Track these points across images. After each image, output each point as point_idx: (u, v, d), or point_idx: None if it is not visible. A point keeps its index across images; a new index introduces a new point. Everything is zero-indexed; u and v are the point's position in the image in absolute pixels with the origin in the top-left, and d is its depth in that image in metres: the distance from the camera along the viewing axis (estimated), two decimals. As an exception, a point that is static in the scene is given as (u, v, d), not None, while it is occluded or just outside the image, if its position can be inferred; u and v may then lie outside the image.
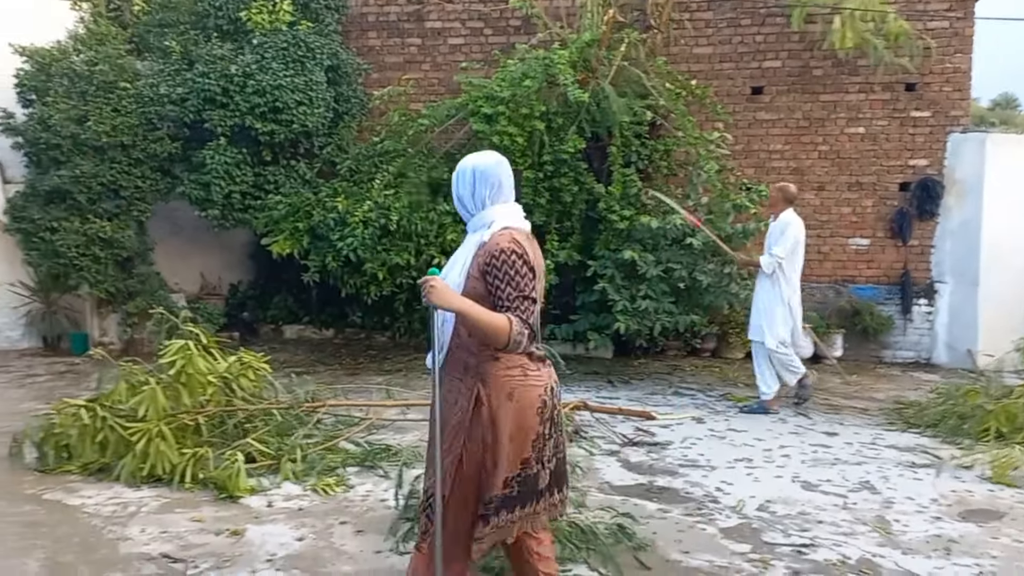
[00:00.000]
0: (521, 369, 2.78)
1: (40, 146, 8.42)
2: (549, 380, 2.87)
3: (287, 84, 8.29)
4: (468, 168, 2.91)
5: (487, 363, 2.76)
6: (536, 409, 2.78)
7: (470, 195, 2.88)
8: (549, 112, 7.64)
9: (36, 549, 4.04)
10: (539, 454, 2.82)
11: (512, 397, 2.75)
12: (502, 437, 2.76)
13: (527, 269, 2.70)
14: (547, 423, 2.83)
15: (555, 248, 7.96)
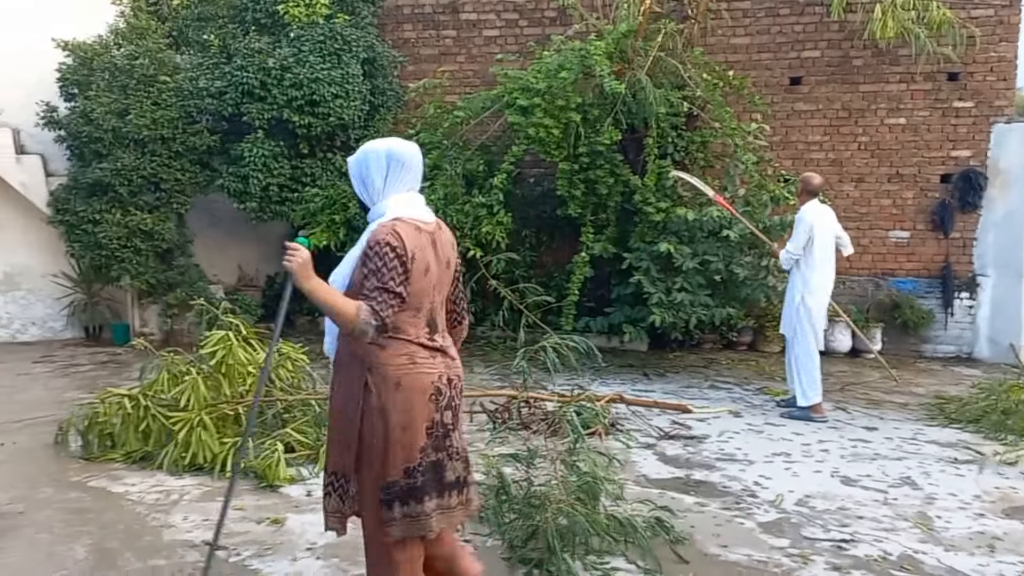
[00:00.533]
0: (409, 357, 2.76)
1: (82, 139, 8.57)
2: (446, 371, 2.83)
3: (324, 77, 8.34)
4: (382, 152, 2.83)
5: (374, 351, 2.74)
6: (428, 396, 2.76)
7: (383, 179, 2.82)
8: (585, 104, 7.60)
9: (83, 535, 4.12)
10: (439, 443, 2.80)
11: (400, 386, 2.73)
12: (394, 425, 2.73)
13: (397, 263, 2.66)
14: (444, 411, 2.81)
15: (590, 240, 7.94)
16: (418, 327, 2.77)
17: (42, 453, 5.49)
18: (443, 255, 2.84)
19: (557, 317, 7.90)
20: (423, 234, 2.77)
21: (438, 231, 2.86)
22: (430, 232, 2.81)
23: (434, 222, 2.87)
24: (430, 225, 2.83)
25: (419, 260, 2.72)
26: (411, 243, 2.70)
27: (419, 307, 2.76)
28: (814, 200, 6.50)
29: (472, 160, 8.39)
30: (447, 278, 2.89)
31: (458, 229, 7.97)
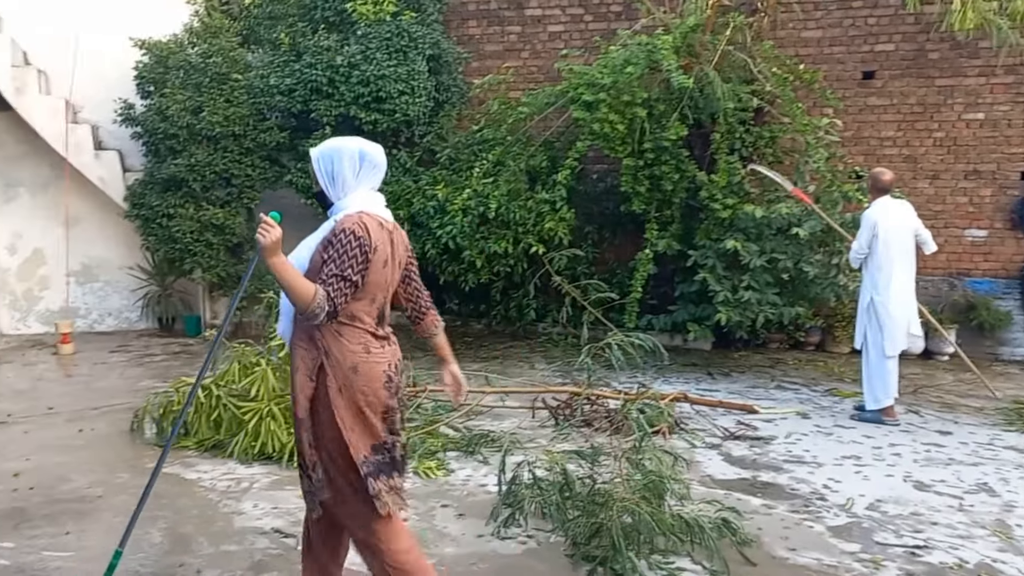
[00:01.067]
0: (363, 346, 2.88)
1: (158, 136, 8.81)
2: (392, 358, 2.96)
3: (390, 74, 8.43)
4: (355, 150, 2.94)
5: (331, 337, 2.85)
6: (383, 383, 2.88)
7: (354, 176, 2.92)
8: (651, 99, 7.52)
9: (158, 520, 4.25)
10: (393, 427, 2.93)
11: (357, 371, 2.84)
12: (353, 406, 2.84)
13: (358, 252, 2.78)
14: (395, 398, 2.93)
15: (654, 237, 7.86)
16: (371, 316, 2.91)
17: (119, 439, 5.67)
18: (397, 253, 2.98)
19: (619, 314, 7.85)
20: (384, 230, 2.91)
21: (395, 230, 3.01)
22: (389, 230, 2.95)
23: (392, 222, 3.01)
24: (389, 223, 2.97)
25: (380, 253, 2.86)
26: (375, 236, 2.84)
27: (373, 298, 2.90)
28: (885, 197, 6.32)
29: (535, 156, 8.38)
30: (397, 275, 3.03)
31: (520, 225, 7.99)
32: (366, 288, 2.85)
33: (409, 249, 3.12)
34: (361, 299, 2.86)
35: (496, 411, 6.32)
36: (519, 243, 8.06)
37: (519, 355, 8.46)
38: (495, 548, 3.95)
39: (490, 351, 8.70)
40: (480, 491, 4.72)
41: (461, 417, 6.02)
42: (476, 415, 6.18)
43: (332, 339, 2.85)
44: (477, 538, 4.07)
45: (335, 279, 2.76)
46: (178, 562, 3.77)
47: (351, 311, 2.85)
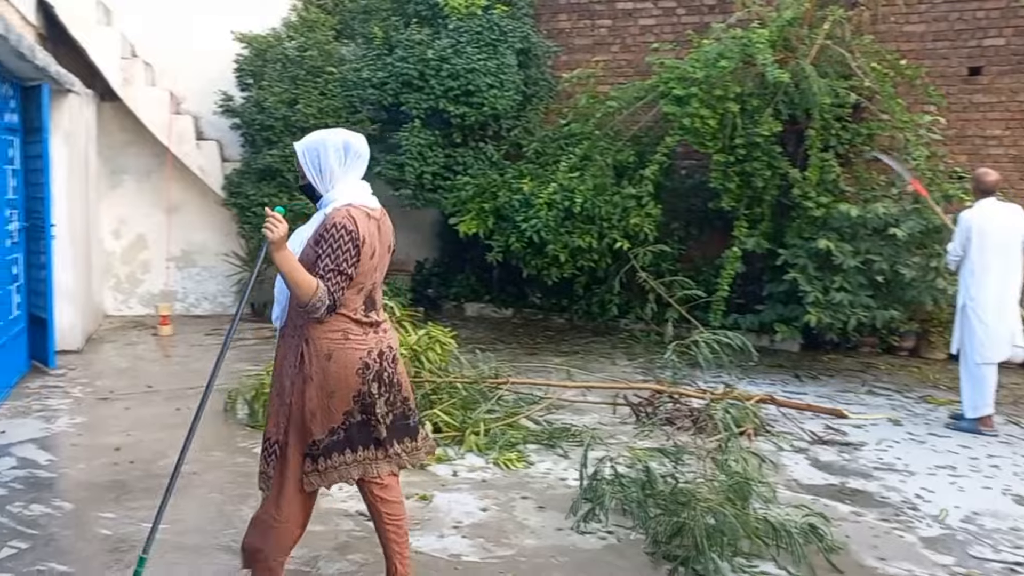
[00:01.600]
0: (343, 333, 2.98)
1: (255, 127, 9.08)
2: (377, 345, 3.06)
3: (480, 67, 8.48)
4: (339, 141, 3.03)
5: (311, 325, 2.97)
6: (356, 370, 2.99)
7: (340, 167, 3.01)
8: (744, 93, 7.37)
9: (249, 498, 4.39)
10: (365, 408, 3.03)
11: (331, 357, 2.96)
12: (321, 391, 2.98)
13: (351, 246, 2.89)
14: (373, 383, 3.02)
15: (743, 235, 7.70)
16: (356, 304, 3.02)
17: (213, 419, 5.87)
18: (386, 240, 3.09)
19: (704, 313, 7.72)
20: (371, 220, 3.01)
21: (382, 218, 3.11)
22: (377, 218, 3.05)
23: (379, 209, 3.10)
24: (376, 212, 3.07)
25: (368, 244, 2.96)
26: (363, 228, 2.94)
27: (361, 287, 3.01)
28: (989, 199, 6.06)
29: (623, 151, 8.31)
30: (387, 262, 3.14)
31: (605, 220, 7.93)
32: (356, 279, 2.96)
33: (392, 235, 3.19)
34: (350, 288, 2.97)
35: (577, 406, 6.31)
36: (604, 238, 8.02)
37: (600, 351, 8.43)
38: (575, 542, 3.95)
39: (571, 346, 8.68)
40: (560, 484, 4.72)
41: (542, 410, 6.04)
42: (557, 409, 6.18)
43: (313, 327, 2.97)
44: (557, 531, 4.08)
45: (332, 274, 2.88)
46: (267, 539, 3.88)
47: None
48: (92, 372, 7.05)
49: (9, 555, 3.65)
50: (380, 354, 3.07)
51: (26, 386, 6.50)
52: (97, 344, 8.25)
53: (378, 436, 3.09)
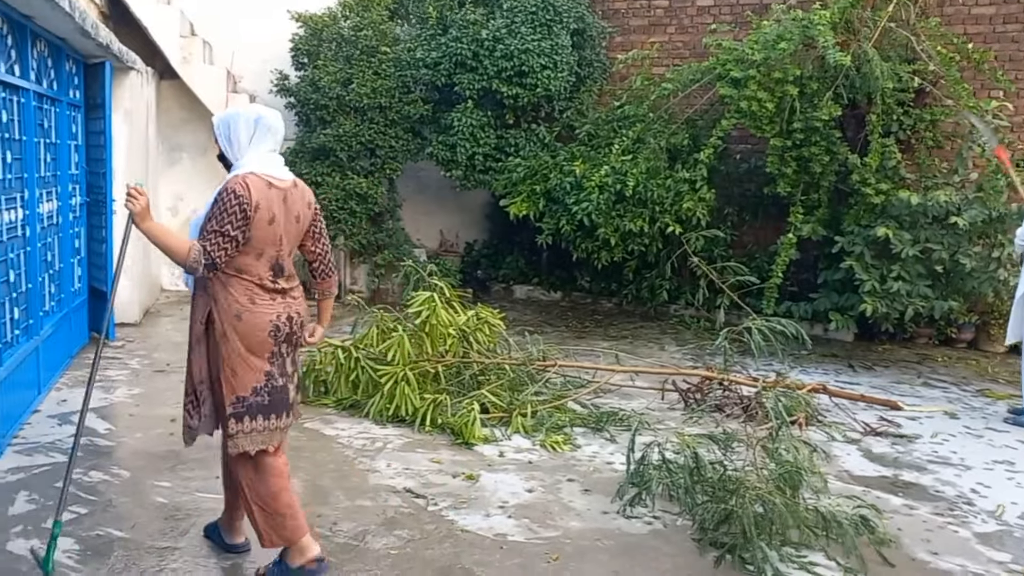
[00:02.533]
0: (249, 297, 3.12)
1: (309, 106, 9.16)
2: (285, 310, 3.19)
3: (534, 48, 8.43)
4: (251, 116, 3.18)
5: (219, 288, 3.13)
6: (268, 332, 3.14)
7: (248, 140, 3.15)
8: (803, 76, 7.20)
9: (299, 471, 4.46)
10: (282, 370, 3.21)
11: (240, 319, 3.11)
12: (236, 351, 3.12)
13: (237, 209, 3.01)
14: (283, 344, 3.19)
15: (799, 221, 7.55)
16: (261, 270, 3.14)
17: (264, 393, 5.97)
18: (293, 210, 3.18)
19: (756, 300, 7.61)
20: (273, 189, 3.12)
21: (292, 188, 3.21)
22: (282, 188, 3.16)
23: (290, 180, 3.22)
24: (285, 182, 3.18)
25: (263, 210, 3.07)
26: (257, 194, 3.05)
27: (261, 252, 3.13)
28: None
29: (677, 134, 8.20)
30: (295, 231, 3.22)
31: (658, 204, 7.84)
32: (251, 243, 3.09)
33: (315, 208, 3.32)
34: (247, 253, 3.10)
35: (624, 390, 6.28)
36: (655, 222, 7.93)
37: (649, 336, 8.37)
38: (620, 526, 3.94)
39: (620, 330, 8.64)
40: (606, 468, 4.71)
41: (589, 394, 6.02)
42: (604, 393, 6.16)
43: (220, 289, 3.13)
44: (602, 514, 4.07)
45: (213, 234, 3.04)
46: (316, 513, 3.95)
47: (238, 264, 3.11)
48: (149, 344, 7.22)
49: (70, 519, 3.77)
50: (289, 318, 3.22)
51: (86, 357, 6.68)
52: (154, 317, 8.44)
53: (290, 399, 3.27)
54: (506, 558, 3.59)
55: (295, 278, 3.28)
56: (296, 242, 3.28)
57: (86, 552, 3.48)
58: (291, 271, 3.25)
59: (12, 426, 4.77)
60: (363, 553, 3.57)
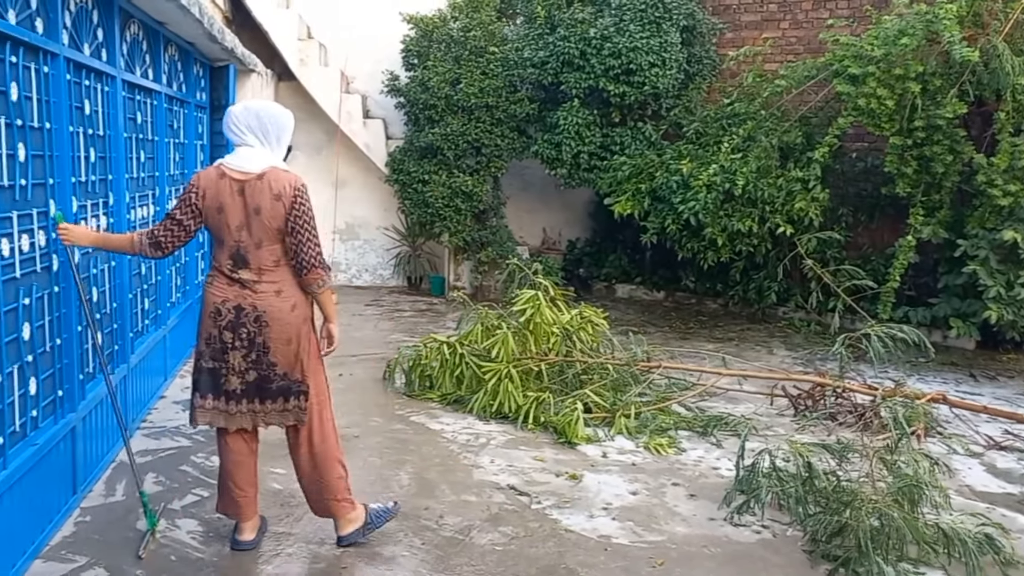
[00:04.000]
0: (210, 279, 3.37)
1: (418, 106, 9.34)
2: (236, 299, 3.29)
3: (642, 46, 8.35)
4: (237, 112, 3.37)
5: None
6: (209, 313, 3.33)
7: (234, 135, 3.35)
8: (926, 73, 6.89)
9: (406, 463, 4.57)
10: (215, 354, 3.33)
11: (203, 300, 3.38)
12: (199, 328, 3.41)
13: (185, 196, 3.31)
14: (224, 331, 3.30)
15: (919, 223, 7.23)
16: (222, 258, 3.31)
17: (372, 386, 6.14)
18: (252, 202, 3.25)
19: (871, 304, 7.34)
20: (226, 180, 3.27)
21: (255, 180, 3.26)
22: (239, 180, 3.26)
23: (255, 172, 3.26)
24: (246, 174, 3.26)
25: (210, 199, 3.27)
26: (205, 183, 3.29)
27: (221, 241, 3.31)
28: None
29: (789, 132, 7.97)
30: (257, 223, 3.25)
31: (768, 204, 7.65)
32: (211, 232, 3.35)
33: (290, 201, 3.25)
34: (216, 242, 3.35)
35: (731, 394, 6.16)
36: (765, 222, 7.74)
37: (757, 338, 8.18)
38: (728, 534, 3.88)
39: (725, 332, 8.47)
40: (712, 473, 4.64)
41: (694, 397, 5.94)
42: (710, 396, 6.07)
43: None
44: (709, 521, 4.01)
45: (165, 217, 3.37)
46: (423, 505, 4.04)
47: (213, 251, 3.39)
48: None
49: (193, 501, 3.97)
50: (238, 308, 3.30)
51: (207, 346, 7.01)
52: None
53: (228, 388, 3.34)
54: (610, 560, 3.59)
55: (268, 274, 3.30)
56: (269, 235, 3.27)
57: (208, 534, 3.65)
58: (260, 266, 3.29)
59: (141, 411, 5.06)
60: (469, 548, 3.63)
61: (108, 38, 4.36)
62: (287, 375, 3.38)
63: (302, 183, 3.33)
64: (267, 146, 3.35)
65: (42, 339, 3.44)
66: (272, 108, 3.41)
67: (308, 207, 3.30)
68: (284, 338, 3.34)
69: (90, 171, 4.09)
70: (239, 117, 3.34)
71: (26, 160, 3.26)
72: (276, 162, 3.35)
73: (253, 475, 3.53)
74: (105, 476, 4.17)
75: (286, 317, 3.33)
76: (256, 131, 3.33)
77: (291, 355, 3.37)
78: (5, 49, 3.07)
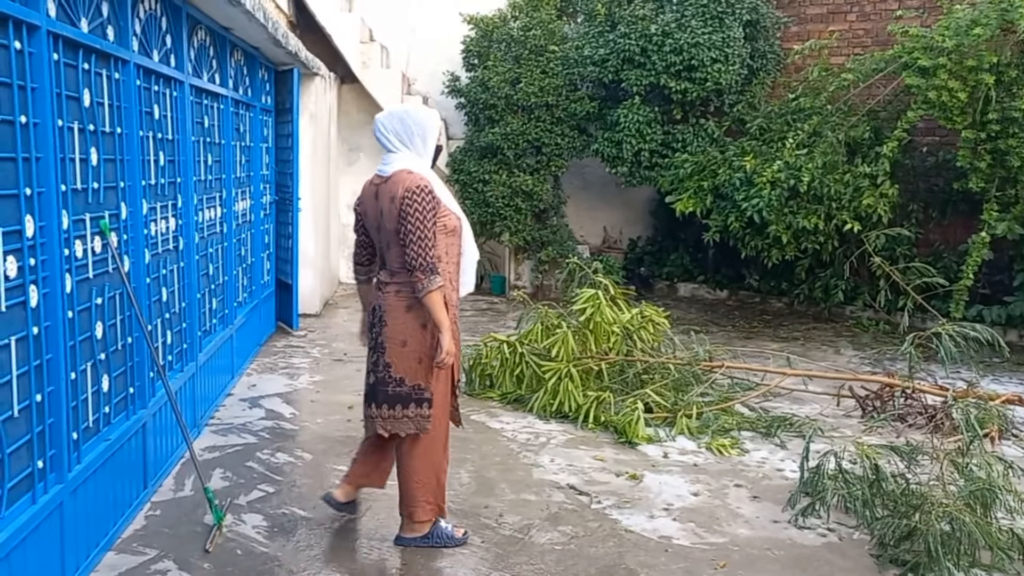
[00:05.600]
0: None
1: (479, 106, 9.38)
2: (375, 300, 3.45)
3: (704, 41, 8.25)
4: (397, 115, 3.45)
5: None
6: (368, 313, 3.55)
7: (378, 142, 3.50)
8: (1000, 64, 6.66)
9: (467, 462, 4.60)
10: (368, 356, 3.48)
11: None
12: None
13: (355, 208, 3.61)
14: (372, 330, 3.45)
15: (993, 219, 6.99)
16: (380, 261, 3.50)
17: (434, 385, 6.18)
18: (380, 204, 3.34)
19: (943, 303, 7.12)
20: (370, 186, 3.45)
21: (383, 183, 3.35)
22: (377, 184, 3.40)
23: (387, 175, 3.35)
24: (382, 179, 3.38)
25: (362, 207, 3.49)
26: (362, 193, 3.50)
27: (372, 246, 3.53)
28: None
29: (857, 126, 7.78)
30: (383, 225, 3.34)
31: (835, 200, 7.47)
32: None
33: (397, 203, 3.25)
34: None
35: (796, 395, 6.05)
36: (832, 219, 7.57)
37: (823, 338, 8.01)
38: (792, 536, 3.81)
39: (790, 331, 8.32)
40: (776, 475, 4.56)
41: (758, 397, 5.84)
42: (774, 397, 5.96)
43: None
44: (772, 523, 3.94)
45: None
46: (483, 503, 4.06)
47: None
48: (329, 335, 7.65)
49: (258, 497, 4.06)
50: (374, 308, 3.44)
51: (273, 345, 7.17)
52: (333, 309, 8.94)
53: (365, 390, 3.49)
54: (671, 561, 3.55)
55: (396, 275, 3.35)
56: (392, 237, 3.30)
57: (273, 529, 3.73)
58: (391, 267, 3.37)
59: (209, 407, 5.20)
60: (528, 546, 3.63)
61: (176, 44, 4.49)
62: (403, 380, 3.36)
63: (417, 185, 3.24)
64: (411, 149, 3.40)
65: (114, 337, 3.56)
66: (414, 110, 3.46)
67: (417, 209, 3.21)
68: (399, 339, 3.34)
69: (159, 174, 4.21)
70: (384, 123, 3.43)
71: (98, 164, 3.38)
72: (410, 164, 3.35)
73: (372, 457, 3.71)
74: (175, 471, 4.30)
75: (400, 317, 3.34)
76: (401, 134, 3.40)
77: (408, 358, 3.35)
78: (78, 56, 3.19)
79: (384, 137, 3.41)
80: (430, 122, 3.44)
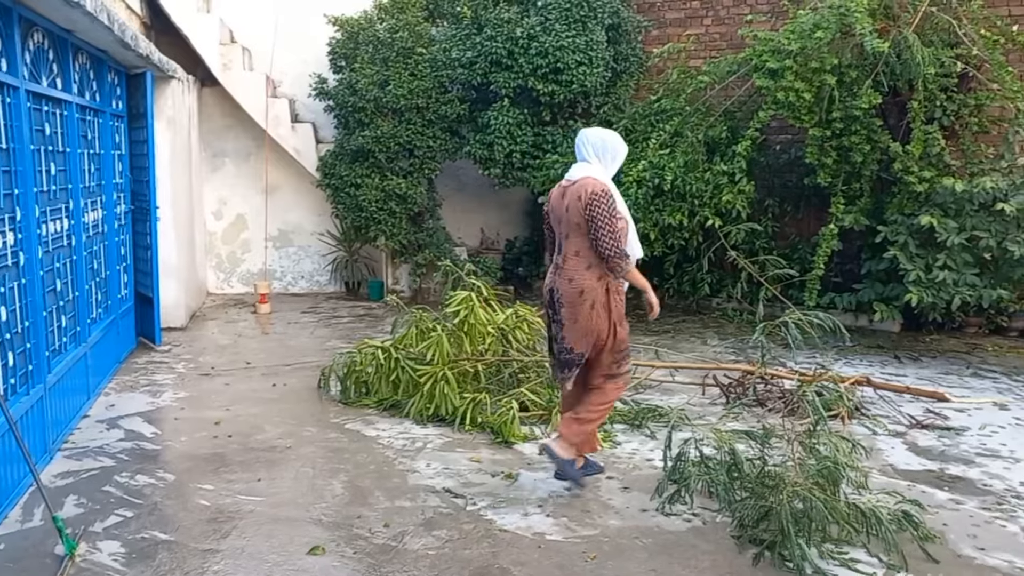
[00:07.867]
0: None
1: (348, 109, 9.25)
2: (551, 282, 4.19)
3: (568, 45, 8.41)
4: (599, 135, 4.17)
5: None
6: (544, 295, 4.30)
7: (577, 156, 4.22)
8: (841, 65, 7.08)
9: (340, 472, 4.53)
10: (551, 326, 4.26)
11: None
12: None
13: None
14: (549, 307, 4.22)
15: (840, 212, 7.43)
16: (553, 249, 4.26)
17: (307, 395, 6.07)
18: (565, 202, 4.08)
19: (799, 292, 7.51)
20: (559, 188, 4.20)
21: (570, 187, 4.08)
22: (564, 187, 4.14)
23: (574, 180, 4.07)
24: (570, 183, 4.10)
25: (550, 206, 4.25)
26: (551, 195, 4.24)
27: (554, 235, 4.25)
28: None
29: (714, 127, 8.11)
30: (565, 219, 4.07)
31: (697, 198, 7.78)
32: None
33: (583, 202, 3.95)
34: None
35: (665, 386, 6.25)
36: (695, 216, 7.87)
37: (691, 330, 8.31)
38: (659, 523, 3.93)
39: (661, 325, 8.58)
40: (646, 465, 4.69)
41: (629, 390, 5.99)
42: (644, 389, 6.14)
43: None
44: (641, 512, 4.06)
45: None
46: (356, 514, 4.00)
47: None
48: (195, 348, 7.38)
49: (115, 522, 3.87)
50: (550, 290, 4.17)
51: (134, 361, 6.85)
52: (200, 321, 8.62)
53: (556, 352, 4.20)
54: (544, 557, 3.60)
55: (569, 261, 4.07)
56: (574, 229, 4.04)
57: (131, 555, 3.56)
58: (566, 254, 4.10)
59: (62, 431, 4.91)
60: (401, 554, 3.61)
61: (8, 47, 4.21)
62: (573, 349, 4.12)
63: (601, 188, 3.96)
64: (602, 163, 4.11)
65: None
66: (612, 137, 4.17)
67: (603, 208, 3.92)
68: (572, 318, 4.07)
69: (-5, 186, 3.96)
70: (588, 135, 4.15)
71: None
72: (596, 174, 4.04)
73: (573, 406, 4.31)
74: (22, 501, 4.05)
75: (574, 300, 4.06)
76: (598, 149, 4.11)
77: (578, 332, 4.07)
78: None
79: (584, 147, 4.12)
80: (622, 149, 4.17)
